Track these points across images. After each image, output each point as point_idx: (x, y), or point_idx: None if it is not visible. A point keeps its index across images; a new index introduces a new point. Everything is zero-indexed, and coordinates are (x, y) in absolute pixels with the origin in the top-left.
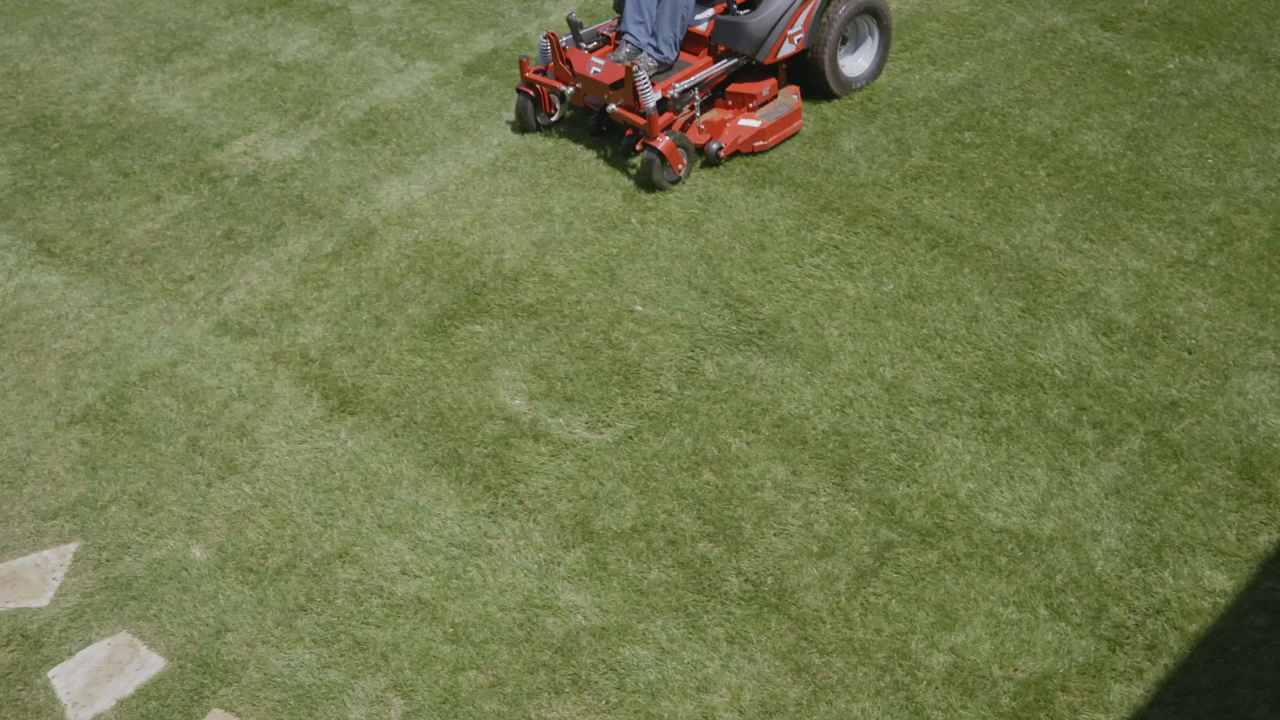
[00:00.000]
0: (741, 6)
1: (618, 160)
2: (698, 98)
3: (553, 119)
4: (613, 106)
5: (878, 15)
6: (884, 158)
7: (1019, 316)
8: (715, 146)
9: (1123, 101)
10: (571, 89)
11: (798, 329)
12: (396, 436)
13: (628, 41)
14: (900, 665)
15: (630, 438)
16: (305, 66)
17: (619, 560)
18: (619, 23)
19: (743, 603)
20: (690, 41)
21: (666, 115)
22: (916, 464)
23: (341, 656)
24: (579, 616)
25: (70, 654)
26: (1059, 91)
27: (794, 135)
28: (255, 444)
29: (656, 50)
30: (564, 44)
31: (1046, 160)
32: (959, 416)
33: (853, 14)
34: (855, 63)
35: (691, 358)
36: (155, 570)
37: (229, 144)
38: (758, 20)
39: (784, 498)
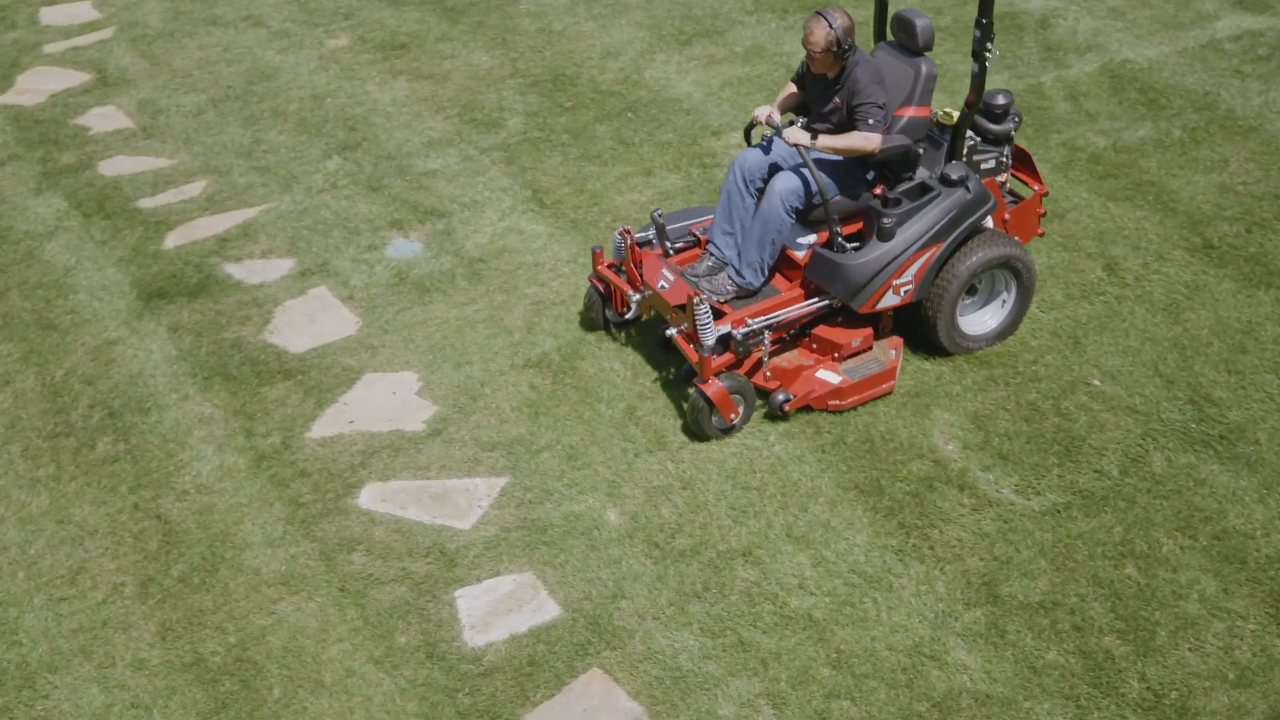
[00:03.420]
0: (851, 237)
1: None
2: (768, 340)
3: (625, 318)
4: (672, 331)
5: (1018, 273)
6: None
7: None
8: (781, 398)
9: None
10: (639, 296)
11: (1263, 443)
12: (823, 452)
13: (711, 254)
14: None
15: (1058, 511)
16: None
17: (1019, 632)
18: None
19: (1140, 710)
20: (787, 264)
21: (725, 357)
22: None
23: (724, 652)
24: (965, 677)
25: (478, 580)
26: None
27: (880, 398)
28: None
29: (739, 273)
30: (645, 242)
31: None
32: None
33: (983, 268)
34: (980, 319)
35: (1140, 445)
36: (571, 522)
37: (726, 134)
38: (858, 264)
39: (1208, 614)
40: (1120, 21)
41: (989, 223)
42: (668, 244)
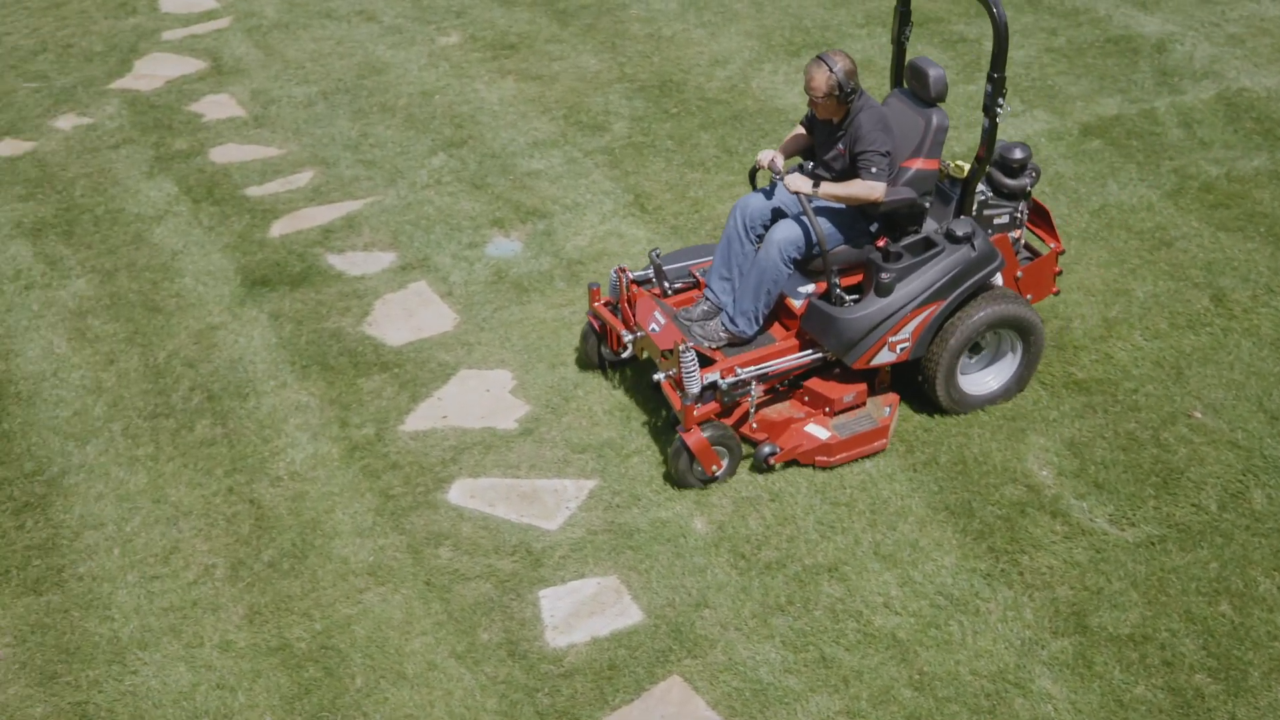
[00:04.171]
0: (853, 289)
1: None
2: (754, 391)
3: (622, 356)
4: (660, 376)
5: (1024, 332)
6: None
7: None
8: (767, 451)
9: None
10: (632, 337)
11: None
12: (915, 471)
13: (708, 298)
14: None
15: (1152, 544)
16: None
17: (1106, 664)
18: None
19: None
20: (785, 313)
21: (710, 406)
22: None
23: (805, 667)
24: (1049, 706)
25: (563, 581)
26: None
27: (872, 455)
28: None
29: (732, 321)
30: (642, 281)
31: None
32: None
33: (986, 327)
34: (982, 379)
35: (1241, 481)
36: (657, 529)
37: None
38: (852, 318)
39: None
40: (1239, 49)
41: (998, 280)
42: (666, 284)
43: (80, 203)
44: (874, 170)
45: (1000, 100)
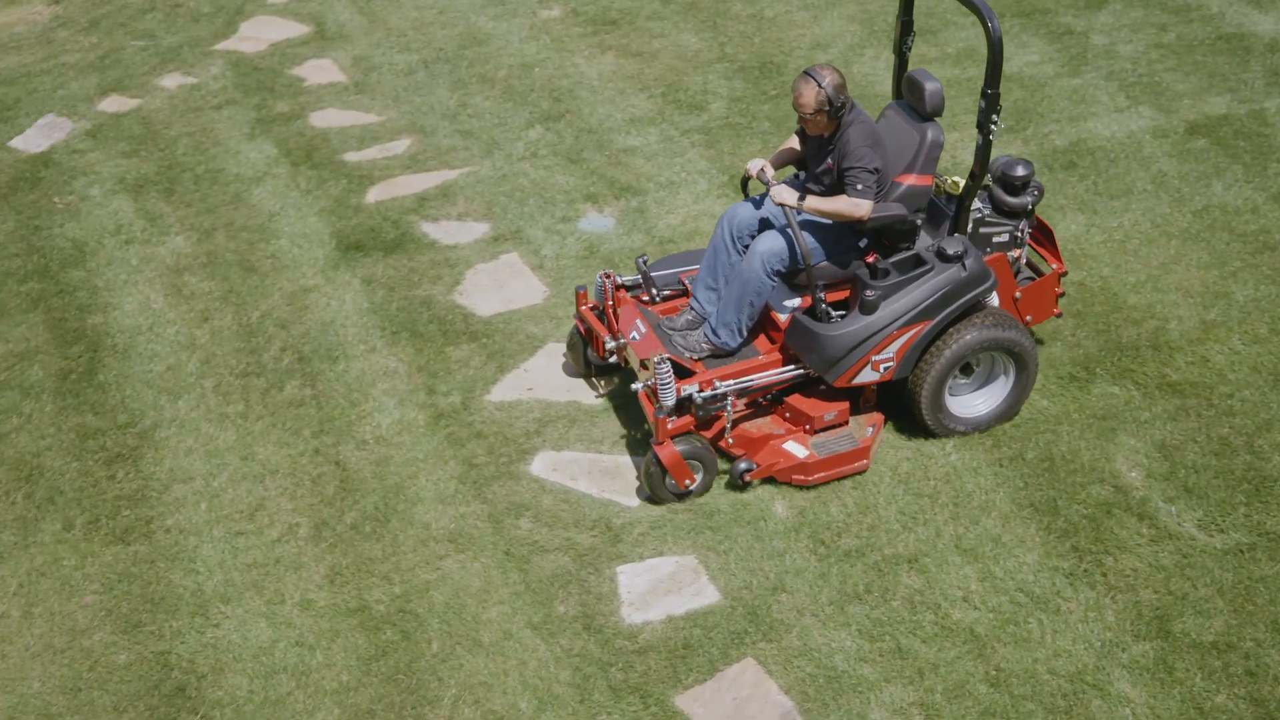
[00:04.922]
0: (840, 305)
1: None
2: (730, 406)
3: (609, 361)
4: (638, 385)
5: (1016, 356)
6: None
7: None
8: (743, 467)
9: None
10: (615, 343)
11: None
12: (1001, 466)
13: (693, 308)
14: None
15: (1242, 551)
16: (1026, 81)
17: (1188, 670)
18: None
19: None
20: (772, 325)
21: (684, 419)
22: None
23: (881, 656)
24: (1127, 710)
25: (641, 558)
26: None
27: (851, 475)
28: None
29: (714, 332)
30: (630, 285)
31: None
32: None
33: (976, 349)
34: (971, 402)
35: None
36: (738, 511)
37: None
38: (835, 335)
39: None
40: None
41: (994, 300)
42: (654, 291)
43: (182, 161)
44: (860, 187)
45: (994, 117)
